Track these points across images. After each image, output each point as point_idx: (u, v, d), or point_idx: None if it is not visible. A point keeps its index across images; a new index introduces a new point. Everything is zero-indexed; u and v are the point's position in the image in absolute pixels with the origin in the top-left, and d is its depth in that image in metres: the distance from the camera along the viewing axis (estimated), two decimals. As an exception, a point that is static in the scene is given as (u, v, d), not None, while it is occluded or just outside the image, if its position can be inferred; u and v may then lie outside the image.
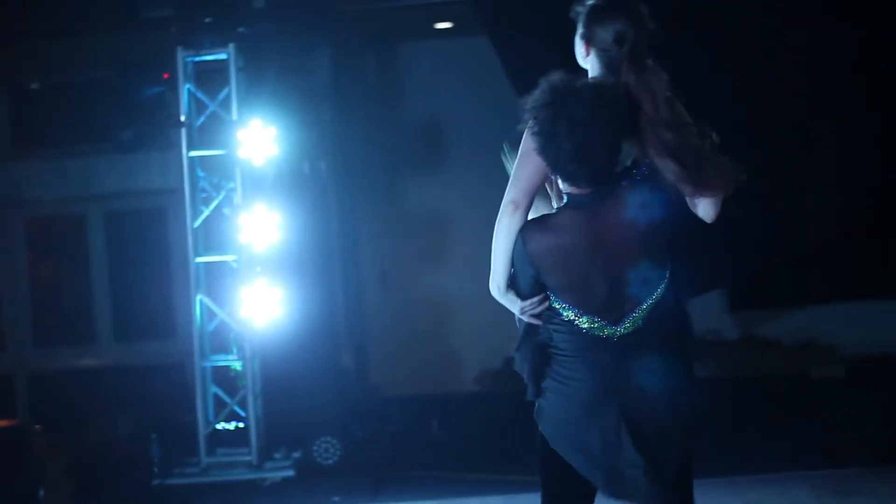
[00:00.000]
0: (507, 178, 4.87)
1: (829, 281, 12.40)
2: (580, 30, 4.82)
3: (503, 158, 5.04)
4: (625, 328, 4.57)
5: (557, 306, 4.64)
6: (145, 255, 13.29)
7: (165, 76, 10.83)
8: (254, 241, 10.80)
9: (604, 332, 4.58)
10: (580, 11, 4.81)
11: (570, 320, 4.61)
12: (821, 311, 13.20)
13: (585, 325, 4.59)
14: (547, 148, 4.49)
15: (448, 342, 13.61)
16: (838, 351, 13.16)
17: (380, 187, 13.75)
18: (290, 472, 10.75)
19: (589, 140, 4.44)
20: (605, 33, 4.71)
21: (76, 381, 12.60)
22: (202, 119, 10.92)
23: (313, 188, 12.68)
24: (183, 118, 10.77)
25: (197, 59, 10.79)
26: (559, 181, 4.65)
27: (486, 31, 10.99)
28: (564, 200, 4.68)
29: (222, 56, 10.75)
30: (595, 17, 4.74)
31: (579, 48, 4.85)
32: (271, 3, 11.21)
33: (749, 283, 12.48)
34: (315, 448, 11.12)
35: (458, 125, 13.69)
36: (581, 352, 4.62)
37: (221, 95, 10.82)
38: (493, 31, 10.88)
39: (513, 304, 4.78)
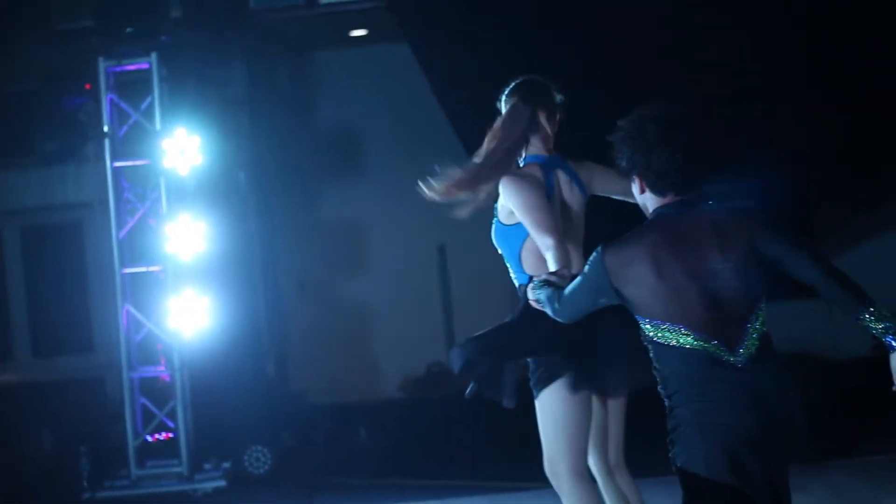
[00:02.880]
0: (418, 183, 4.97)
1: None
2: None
3: (427, 182, 5.16)
4: (746, 351, 4.12)
5: (650, 328, 4.19)
6: (62, 270, 13.14)
7: (87, 87, 10.76)
8: (180, 251, 10.75)
9: (726, 357, 4.11)
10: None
11: (673, 344, 4.14)
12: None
13: (697, 346, 4.12)
14: (638, 151, 4.21)
15: (368, 349, 13.61)
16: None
17: (297, 196, 13.71)
18: (222, 483, 10.69)
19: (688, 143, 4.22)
20: None
21: (-5, 398, 12.41)
22: (125, 129, 10.86)
23: (233, 198, 12.64)
24: (106, 128, 10.70)
25: (118, 69, 10.74)
26: (645, 200, 4.32)
27: (403, 34, 11.07)
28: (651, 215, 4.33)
29: (144, 66, 10.71)
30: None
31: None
32: (187, 12, 11.23)
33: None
34: (246, 457, 11.10)
35: (373, 132, 13.70)
36: (707, 381, 4.13)
37: (144, 105, 10.77)
38: (411, 34, 10.96)
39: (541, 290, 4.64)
